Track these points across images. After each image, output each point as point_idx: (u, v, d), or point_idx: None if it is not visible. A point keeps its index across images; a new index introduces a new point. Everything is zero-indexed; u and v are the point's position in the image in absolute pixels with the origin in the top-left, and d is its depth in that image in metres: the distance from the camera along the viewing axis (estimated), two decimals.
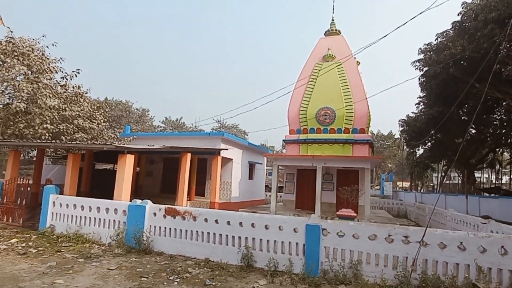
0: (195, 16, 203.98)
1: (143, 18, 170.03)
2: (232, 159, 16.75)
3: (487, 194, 25.36)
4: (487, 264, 4.87)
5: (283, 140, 16.59)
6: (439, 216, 12.65)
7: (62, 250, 6.80)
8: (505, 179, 41.18)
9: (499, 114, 23.66)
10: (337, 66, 15.67)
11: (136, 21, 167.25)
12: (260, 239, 6.21)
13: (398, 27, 8.20)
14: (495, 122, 24.38)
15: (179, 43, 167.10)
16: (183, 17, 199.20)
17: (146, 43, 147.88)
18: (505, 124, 23.50)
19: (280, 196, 19.17)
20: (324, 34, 17.59)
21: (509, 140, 25.46)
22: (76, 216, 8.01)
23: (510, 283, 4.67)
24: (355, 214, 11.21)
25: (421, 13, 7.29)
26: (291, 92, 16.23)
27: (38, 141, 11.38)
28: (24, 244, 7.13)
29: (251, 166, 19.82)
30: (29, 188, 11.26)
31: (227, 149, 15.34)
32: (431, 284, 4.86)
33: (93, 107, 14.72)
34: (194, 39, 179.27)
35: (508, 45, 16.49)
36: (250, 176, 19.78)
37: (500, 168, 34.69)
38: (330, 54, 16.10)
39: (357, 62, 17.04)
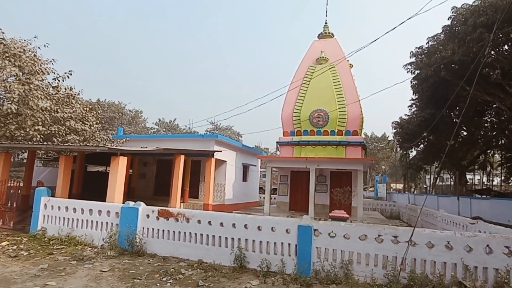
0: (190, 15, 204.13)
1: (136, 15, 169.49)
2: (226, 161, 16.78)
3: (479, 196, 25.74)
4: (473, 263, 4.99)
5: (277, 142, 16.69)
6: (430, 217, 12.85)
7: (54, 253, 6.76)
8: (496, 180, 41.81)
9: (489, 116, 24.12)
10: (330, 68, 15.85)
11: (128, 17, 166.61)
12: (253, 240, 6.26)
13: (388, 31, 8.37)
14: (486, 125, 24.84)
15: (173, 42, 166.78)
16: (177, 17, 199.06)
17: (139, 42, 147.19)
18: (495, 126, 23.96)
19: (274, 198, 19.25)
20: (318, 37, 17.78)
21: (499, 142, 25.94)
22: (68, 219, 7.96)
23: (495, 281, 4.79)
24: (347, 215, 11.32)
25: (410, 18, 7.45)
26: (285, 94, 16.37)
27: (30, 143, 11.29)
28: (15, 247, 7.07)
29: (245, 168, 19.86)
30: (19, 191, 11.13)
31: (220, 151, 15.37)
32: (419, 282, 4.96)
33: (85, 108, 14.64)
34: (188, 40, 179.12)
35: (496, 49, 16.87)
36: (244, 178, 19.82)
37: (491, 170, 35.24)
38: (323, 57, 16.28)
39: (350, 64, 17.25)
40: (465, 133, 25.97)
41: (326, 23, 17.92)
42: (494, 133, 24.79)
